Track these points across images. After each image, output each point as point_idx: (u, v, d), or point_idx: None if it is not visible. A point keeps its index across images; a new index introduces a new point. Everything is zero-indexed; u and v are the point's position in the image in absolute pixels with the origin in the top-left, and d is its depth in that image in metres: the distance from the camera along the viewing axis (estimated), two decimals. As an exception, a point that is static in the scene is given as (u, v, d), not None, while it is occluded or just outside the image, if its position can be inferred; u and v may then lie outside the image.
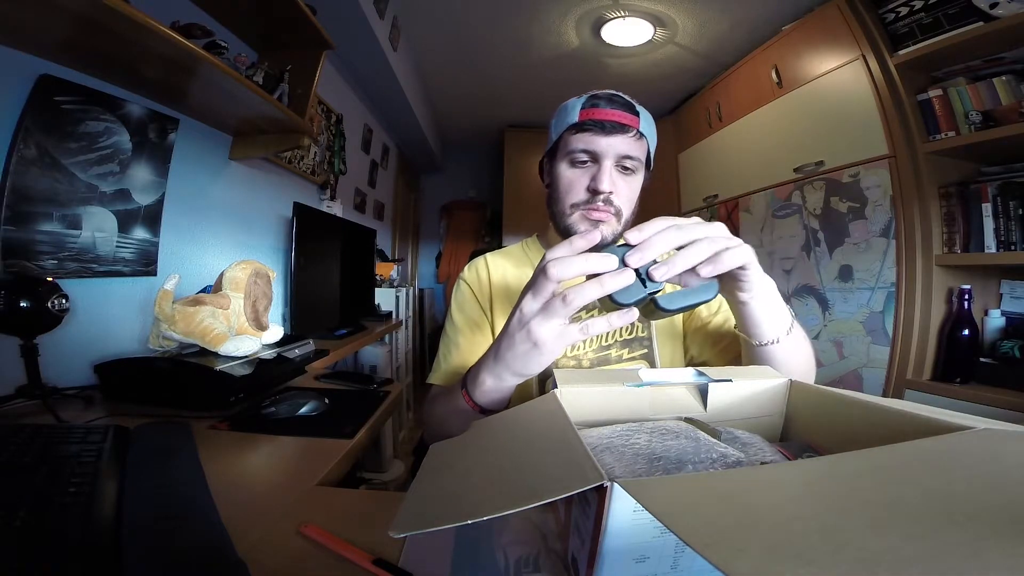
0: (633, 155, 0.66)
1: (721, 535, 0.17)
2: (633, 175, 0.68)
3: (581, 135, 0.65)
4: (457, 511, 0.24)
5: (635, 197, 0.70)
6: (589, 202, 0.66)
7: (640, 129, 0.65)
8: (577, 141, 0.66)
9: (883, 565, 0.14)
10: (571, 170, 0.67)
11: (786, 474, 0.24)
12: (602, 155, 0.65)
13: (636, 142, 0.66)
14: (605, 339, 0.71)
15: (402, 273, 3.46)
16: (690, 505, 0.19)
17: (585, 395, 0.41)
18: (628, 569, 0.27)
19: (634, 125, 0.65)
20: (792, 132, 2.01)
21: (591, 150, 0.65)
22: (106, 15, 0.72)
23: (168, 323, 0.90)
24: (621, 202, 0.67)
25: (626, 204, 0.68)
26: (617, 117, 0.64)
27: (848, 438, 0.36)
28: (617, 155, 0.65)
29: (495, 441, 0.34)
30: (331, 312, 1.85)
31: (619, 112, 0.64)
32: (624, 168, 0.66)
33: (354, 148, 2.54)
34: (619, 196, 0.66)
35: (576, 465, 0.24)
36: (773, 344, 0.51)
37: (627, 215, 0.69)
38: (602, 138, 0.64)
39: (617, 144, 0.64)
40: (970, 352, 1.40)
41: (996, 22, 1.29)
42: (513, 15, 2.15)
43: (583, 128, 0.65)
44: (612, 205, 0.66)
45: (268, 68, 1.21)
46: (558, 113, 0.71)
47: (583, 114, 0.65)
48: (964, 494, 0.19)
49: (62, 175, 0.89)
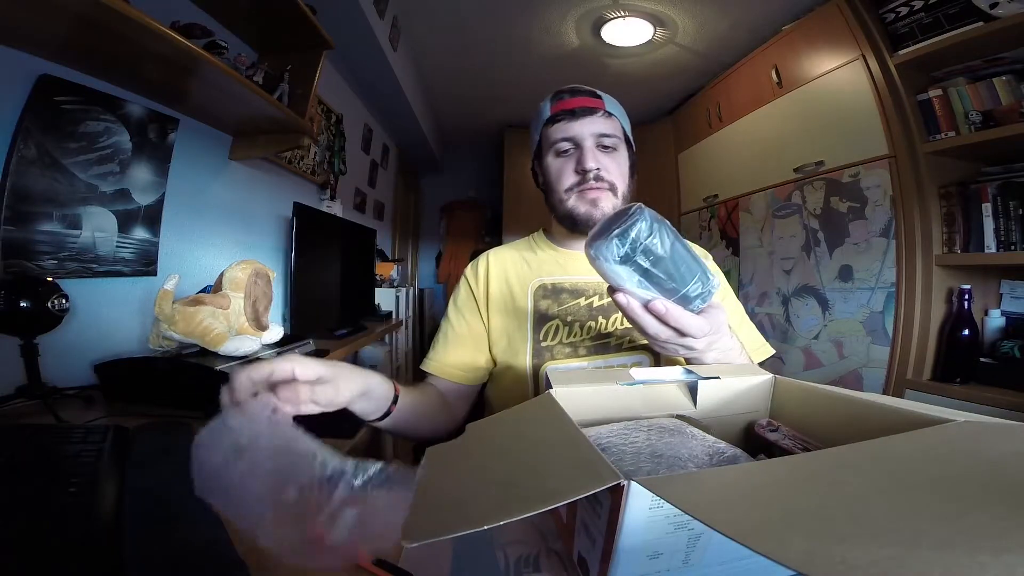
0: (608, 132, 0.71)
1: (759, 526, 0.18)
2: (615, 152, 0.72)
3: (557, 126, 0.71)
4: (471, 516, 0.23)
5: (625, 172, 0.74)
6: (581, 183, 0.71)
7: (607, 109, 0.71)
8: (555, 132, 0.72)
9: (923, 545, 0.16)
10: (557, 160, 0.73)
11: (796, 467, 0.25)
12: (580, 138, 0.70)
13: (607, 120, 0.72)
14: (605, 327, 0.72)
15: (402, 273, 3.46)
16: (717, 500, 0.20)
17: (579, 395, 0.41)
18: (642, 565, 0.27)
19: (599, 106, 0.71)
20: (792, 132, 2.01)
21: (569, 136, 0.71)
22: (106, 15, 0.72)
23: (168, 323, 0.90)
24: (612, 177, 0.71)
25: (618, 179, 0.72)
26: (582, 102, 0.71)
27: (832, 431, 0.37)
28: (593, 135, 0.70)
29: (497, 444, 0.34)
30: (331, 312, 1.85)
31: (583, 98, 0.71)
32: (604, 147, 0.71)
33: (354, 148, 2.54)
34: (608, 172, 0.71)
35: (589, 466, 0.24)
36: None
37: (623, 189, 0.73)
38: (575, 123, 0.70)
39: (590, 124, 0.70)
40: (970, 352, 1.39)
41: (996, 22, 1.29)
42: (513, 15, 2.15)
43: (556, 119, 0.71)
44: (604, 181, 0.70)
45: (268, 68, 1.21)
46: (534, 117, 0.77)
47: (553, 108, 0.72)
48: (967, 480, 0.21)
49: (62, 175, 0.89)
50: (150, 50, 0.85)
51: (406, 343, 2.93)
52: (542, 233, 0.85)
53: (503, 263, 0.80)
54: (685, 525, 0.26)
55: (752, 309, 2.18)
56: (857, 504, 0.19)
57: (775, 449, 0.39)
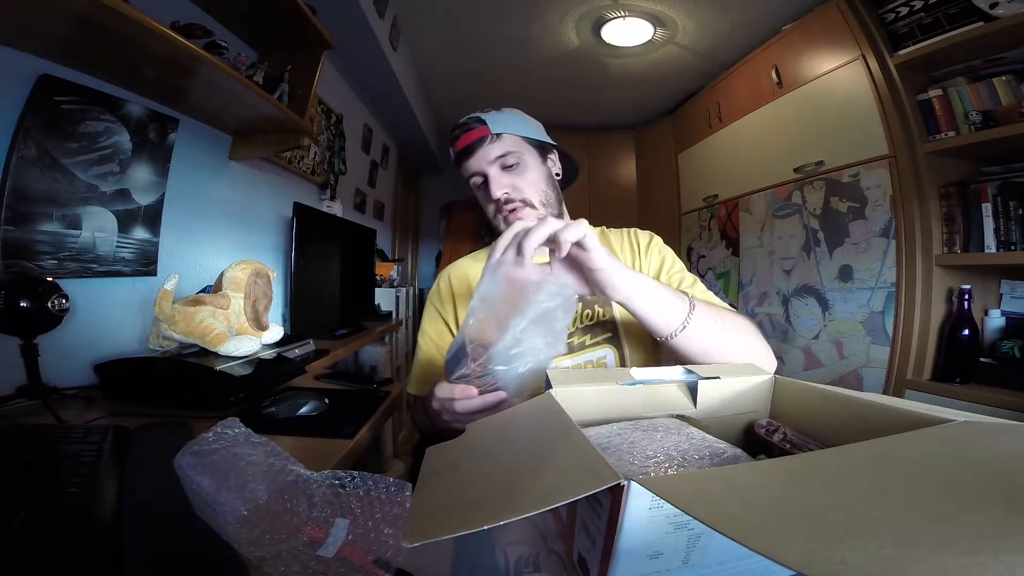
0: (501, 153, 0.73)
1: (759, 526, 0.18)
2: (518, 167, 0.74)
3: (463, 165, 0.76)
4: (472, 517, 0.23)
5: (537, 181, 0.76)
6: (499, 210, 0.74)
7: (492, 132, 0.73)
8: (464, 171, 0.77)
9: (923, 545, 0.16)
10: (478, 192, 0.78)
11: (796, 467, 0.25)
12: (482, 170, 0.74)
13: (498, 143, 0.73)
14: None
15: (402, 273, 3.46)
16: (717, 500, 0.20)
17: (579, 395, 0.41)
18: (642, 566, 0.27)
19: (484, 133, 0.73)
20: (792, 132, 2.01)
21: (473, 171, 0.75)
22: (106, 15, 0.72)
23: (168, 323, 0.90)
24: (524, 194, 0.74)
25: (530, 192, 0.74)
26: (468, 138, 0.74)
27: (832, 431, 0.37)
28: (489, 162, 0.73)
29: (497, 443, 0.34)
30: (331, 312, 1.85)
31: (468, 132, 0.74)
32: (507, 167, 0.74)
33: (354, 148, 2.54)
34: (517, 191, 0.73)
35: (589, 466, 0.24)
36: (672, 339, 0.55)
37: (540, 198, 0.75)
38: (471, 159, 0.74)
39: (484, 154, 0.73)
40: (970, 352, 1.39)
41: (996, 22, 1.29)
42: (513, 15, 2.15)
43: (459, 160, 0.76)
44: (515, 201, 0.73)
45: (268, 68, 1.21)
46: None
47: (453, 150, 0.77)
48: (967, 480, 0.21)
49: (62, 175, 0.89)
50: (150, 50, 0.85)
51: (406, 343, 2.93)
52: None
53: (465, 277, 0.82)
54: (685, 525, 0.26)
55: (752, 309, 2.18)
56: (857, 504, 0.19)
57: (775, 449, 0.39)
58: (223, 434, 0.46)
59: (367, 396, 0.94)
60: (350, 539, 0.36)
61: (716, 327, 0.57)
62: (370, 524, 0.37)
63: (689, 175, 2.93)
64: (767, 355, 0.61)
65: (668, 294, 0.55)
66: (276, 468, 0.42)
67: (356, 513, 0.38)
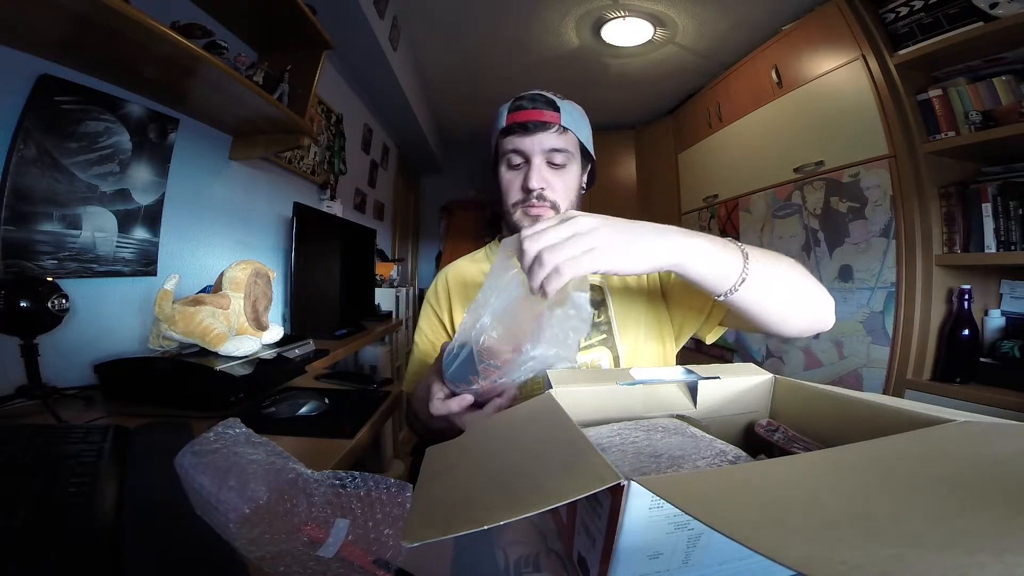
0: (560, 148, 0.70)
1: (759, 526, 0.18)
2: (564, 169, 0.72)
3: (510, 138, 0.71)
4: (472, 517, 0.23)
5: (572, 188, 0.73)
6: (526, 200, 0.71)
7: (562, 124, 0.70)
8: (507, 144, 0.71)
9: (923, 545, 0.16)
10: (508, 172, 0.73)
11: (796, 467, 0.25)
12: (530, 153, 0.69)
13: (561, 136, 0.70)
14: None
15: (402, 273, 3.46)
16: (717, 500, 0.20)
17: (579, 394, 0.41)
18: (642, 566, 0.27)
19: (555, 121, 0.69)
20: (792, 132, 2.01)
21: (520, 150, 0.70)
22: (106, 15, 0.72)
23: (168, 323, 0.90)
24: (556, 197, 0.71)
25: (561, 198, 0.71)
26: (537, 116, 0.69)
27: (832, 431, 0.37)
28: (544, 151, 0.69)
29: (497, 443, 0.34)
30: (331, 312, 1.85)
31: (539, 111, 0.69)
32: (553, 164, 0.71)
33: (354, 148, 2.54)
34: (553, 191, 0.70)
35: (589, 466, 0.24)
36: (731, 295, 0.48)
37: (567, 205, 0.72)
38: (526, 138, 0.69)
39: (541, 140, 0.69)
40: (970, 352, 1.39)
41: (996, 22, 1.29)
42: (513, 15, 2.15)
43: (510, 131, 0.70)
44: (547, 200, 0.70)
45: (268, 68, 1.21)
46: (494, 121, 0.75)
47: (509, 118, 0.71)
48: (967, 480, 0.21)
49: (62, 175, 0.89)
50: (150, 50, 0.85)
51: (406, 343, 2.92)
52: (498, 242, 0.86)
53: (462, 278, 0.82)
54: (685, 525, 0.26)
55: (752, 309, 2.18)
56: (857, 504, 0.19)
57: (775, 449, 0.39)
58: (224, 434, 0.46)
59: (367, 396, 0.95)
60: (350, 539, 0.36)
61: (775, 275, 0.52)
62: (370, 524, 0.37)
63: (689, 175, 2.93)
64: (826, 295, 0.58)
65: (717, 247, 0.48)
66: (277, 467, 0.42)
67: (357, 513, 0.38)
